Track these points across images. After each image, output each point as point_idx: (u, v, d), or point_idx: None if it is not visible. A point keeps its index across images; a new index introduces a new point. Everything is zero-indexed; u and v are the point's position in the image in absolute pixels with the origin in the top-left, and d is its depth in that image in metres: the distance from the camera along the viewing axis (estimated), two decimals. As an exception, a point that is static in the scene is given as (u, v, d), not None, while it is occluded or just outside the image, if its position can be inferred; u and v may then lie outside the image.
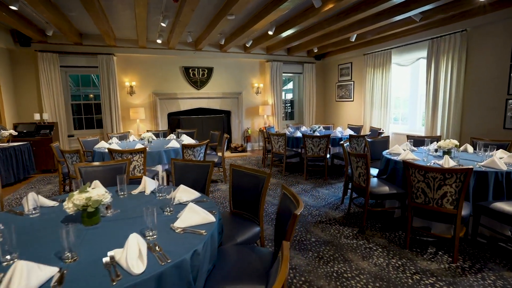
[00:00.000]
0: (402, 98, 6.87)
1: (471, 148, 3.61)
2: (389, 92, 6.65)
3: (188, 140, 4.81)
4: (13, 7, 3.93)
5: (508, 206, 2.40)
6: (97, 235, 1.43)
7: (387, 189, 3.00)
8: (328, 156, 5.14)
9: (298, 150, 5.68)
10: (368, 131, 6.37)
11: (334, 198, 4.16)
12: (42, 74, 6.09)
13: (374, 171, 3.74)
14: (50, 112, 6.23)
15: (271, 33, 5.64)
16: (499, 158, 2.89)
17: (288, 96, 9.51)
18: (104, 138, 6.43)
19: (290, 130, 6.41)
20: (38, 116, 5.96)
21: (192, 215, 1.56)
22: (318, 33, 5.90)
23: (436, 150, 3.43)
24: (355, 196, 3.54)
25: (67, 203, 1.49)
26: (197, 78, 7.63)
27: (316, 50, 7.71)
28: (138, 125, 7.14)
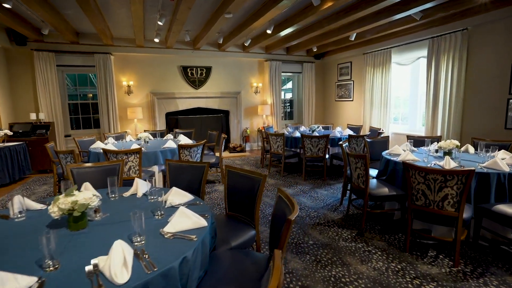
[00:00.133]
0: (402, 98, 6.81)
1: (472, 148, 3.55)
2: (389, 91, 6.59)
3: (185, 140, 4.75)
4: (6, 5, 3.86)
5: (510, 209, 2.34)
6: (82, 241, 1.36)
7: (386, 190, 2.94)
8: (327, 156, 5.07)
9: (297, 150, 5.62)
10: (368, 131, 6.31)
11: (332, 199, 4.10)
12: (38, 73, 6.02)
13: (374, 172, 3.68)
14: (46, 112, 6.17)
15: (269, 32, 5.58)
16: (501, 159, 2.83)
17: (287, 95, 9.45)
18: (101, 138, 6.38)
19: (289, 130, 6.34)
20: (34, 116, 5.89)
21: (183, 219, 1.49)
22: (317, 32, 5.83)
23: (437, 151, 3.37)
24: (354, 197, 3.48)
25: (52, 207, 1.43)
26: (195, 77, 7.56)
27: (315, 49, 7.65)
28: (136, 125, 7.08)
